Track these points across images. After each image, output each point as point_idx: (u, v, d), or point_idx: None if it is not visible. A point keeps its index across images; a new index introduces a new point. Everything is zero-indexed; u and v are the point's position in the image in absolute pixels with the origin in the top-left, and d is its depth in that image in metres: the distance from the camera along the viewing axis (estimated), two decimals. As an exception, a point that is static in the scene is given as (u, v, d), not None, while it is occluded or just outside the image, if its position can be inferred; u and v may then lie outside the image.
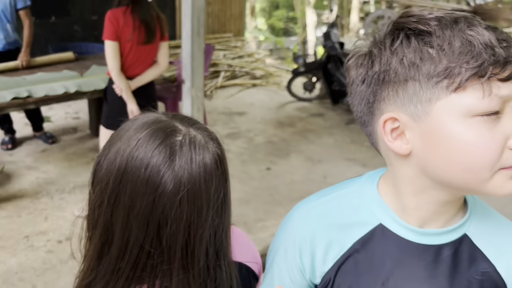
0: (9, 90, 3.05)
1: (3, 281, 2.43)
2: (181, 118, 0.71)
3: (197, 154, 0.65)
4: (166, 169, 0.63)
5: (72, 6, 5.44)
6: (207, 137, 0.69)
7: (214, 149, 0.69)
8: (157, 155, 0.63)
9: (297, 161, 4.06)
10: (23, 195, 3.25)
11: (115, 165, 0.65)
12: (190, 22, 1.93)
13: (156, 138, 0.64)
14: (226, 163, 0.72)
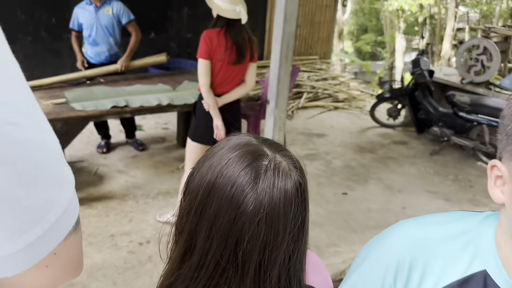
0: (110, 99, 3.33)
1: (88, 275, 2.63)
2: (270, 143, 0.75)
3: (280, 180, 0.69)
4: (249, 190, 0.67)
5: (170, 24, 5.82)
6: (291, 165, 0.72)
7: (296, 177, 0.71)
8: (243, 176, 0.68)
9: (375, 189, 3.98)
10: (112, 196, 3.50)
11: (206, 179, 0.70)
12: (280, 46, 2.00)
13: (245, 160, 0.69)
14: (307, 192, 0.74)
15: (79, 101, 3.26)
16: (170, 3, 5.71)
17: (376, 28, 16.77)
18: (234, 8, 2.63)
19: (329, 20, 7.27)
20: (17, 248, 0.37)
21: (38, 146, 0.37)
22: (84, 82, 3.76)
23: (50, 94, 3.42)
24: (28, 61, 5.04)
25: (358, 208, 3.63)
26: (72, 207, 0.41)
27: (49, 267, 0.42)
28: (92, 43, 3.84)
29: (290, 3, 1.96)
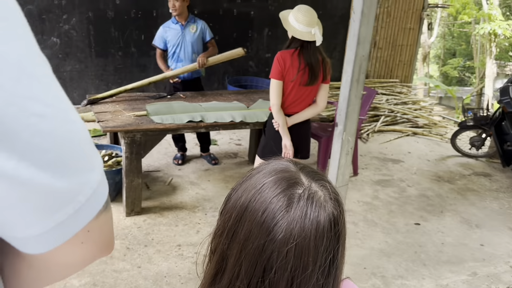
0: (187, 114, 3.49)
1: (153, 281, 2.74)
2: (308, 171, 0.73)
3: (313, 211, 0.67)
4: (280, 217, 0.66)
5: (250, 44, 5.99)
6: (327, 196, 0.70)
7: (331, 209, 0.69)
8: (275, 202, 0.67)
9: (451, 222, 3.75)
10: (183, 207, 3.63)
11: (240, 202, 0.70)
12: (351, 68, 1.99)
13: (279, 186, 0.68)
14: (342, 225, 0.71)
15: (159, 114, 3.44)
16: (252, 23, 5.89)
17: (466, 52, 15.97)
18: (310, 30, 2.66)
19: (412, 43, 7.05)
20: (48, 226, 0.41)
21: (64, 136, 0.41)
22: (165, 97, 3.97)
23: (133, 106, 3.65)
24: (117, 73, 5.43)
25: (430, 240, 3.43)
26: (101, 189, 0.45)
27: (84, 243, 0.46)
28: (176, 59, 4.04)
29: (364, 26, 1.94)
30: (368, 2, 1.92)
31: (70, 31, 5.07)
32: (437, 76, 16.09)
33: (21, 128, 0.37)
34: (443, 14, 14.44)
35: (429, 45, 12.79)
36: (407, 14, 6.82)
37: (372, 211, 3.81)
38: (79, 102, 5.34)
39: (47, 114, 0.40)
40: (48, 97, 0.41)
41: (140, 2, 5.26)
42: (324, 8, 6.22)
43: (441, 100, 12.62)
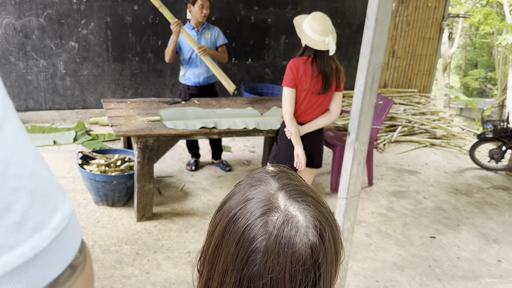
0: (200, 120, 3.48)
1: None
2: (290, 190, 0.66)
3: (287, 240, 0.61)
4: (253, 250, 0.62)
5: (267, 52, 5.98)
6: (308, 220, 0.63)
7: (310, 235, 0.63)
8: (247, 233, 0.62)
9: (467, 236, 3.64)
10: (194, 213, 3.61)
11: (217, 231, 0.66)
12: (364, 77, 1.95)
13: (253, 213, 0.63)
14: (329, 250, 0.64)
15: (172, 120, 3.44)
16: (269, 31, 5.88)
17: (487, 63, 15.71)
18: (323, 39, 2.62)
19: (431, 53, 6.95)
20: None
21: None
22: (179, 102, 3.97)
23: (147, 111, 3.66)
24: (134, 78, 5.47)
25: (446, 254, 3.34)
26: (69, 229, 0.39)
27: None
28: (192, 65, 4.04)
29: (378, 34, 1.90)
30: (382, 9, 1.88)
31: (88, 35, 5.13)
32: (458, 87, 15.84)
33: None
34: (465, 24, 14.24)
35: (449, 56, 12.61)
36: (427, 23, 6.73)
37: (386, 223, 3.73)
38: (95, 106, 5.41)
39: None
40: None
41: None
42: (342, 16, 6.19)
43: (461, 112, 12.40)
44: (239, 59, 5.86)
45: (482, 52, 16.14)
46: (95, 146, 4.61)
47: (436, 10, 6.71)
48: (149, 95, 5.57)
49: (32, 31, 4.91)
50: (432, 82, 7.19)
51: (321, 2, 6.01)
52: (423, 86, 7.09)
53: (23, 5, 4.79)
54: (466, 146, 5.73)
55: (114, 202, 3.55)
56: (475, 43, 16.14)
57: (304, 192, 0.67)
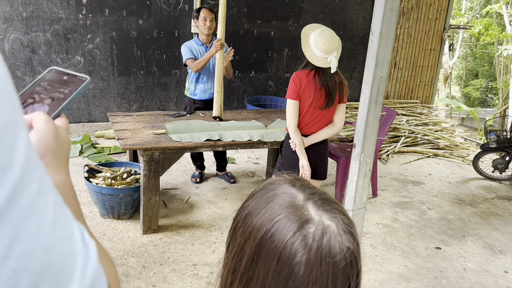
0: (205, 132, 3.51)
1: (168, 299, 2.72)
2: (317, 200, 0.68)
3: (328, 250, 0.63)
4: (296, 264, 0.63)
5: (270, 64, 6.03)
6: (341, 229, 0.66)
7: (346, 244, 0.65)
8: (289, 248, 0.63)
9: (473, 246, 3.64)
10: (200, 225, 3.62)
11: (249, 245, 0.66)
12: (369, 90, 1.98)
13: (290, 228, 0.64)
14: (359, 259, 0.67)
15: (177, 133, 3.47)
16: (272, 44, 5.94)
17: (488, 73, 15.77)
18: (326, 57, 2.64)
19: (433, 64, 7.00)
20: None
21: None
22: (184, 115, 4.01)
23: (153, 124, 3.69)
24: (139, 92, 5.52)
25: (451, 265, 3.34)
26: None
27: None
28: (199, 80, 4.06)
29: (383, 47, 1.93)
30: (386, 23, 1.91)
31: (94, 50, 5.19)
32: (459, 97, 15.89)
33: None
34: (465, 35, 14.33)
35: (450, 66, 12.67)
36: (428, 35, 6.79)
37: (391, 234, 3.73)
38: (101, 119, 5.46)
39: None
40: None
41: (162, 23, 5.37)
42: (344, 29, 6.25)
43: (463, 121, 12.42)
44: (242, 71, 5.91)
45: (483, 62, 16.21)
46: (101, 159, 4.64)
47: (437, 21, 6.77)
48: (154, 108, 5.61)
49: (39, 46, 4.98)
50: (434, 93, 7.23)
51: (323, 15, 6.08)
52: (425, 97, 7.13)
53: (30, 20, 4.87)
54: (469, 156, 5.74)
55: (120, 215, 3.57)
56: (475, 54, 16.22)
57: (329, 199, 0.69)
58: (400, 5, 4.62)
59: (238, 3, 5.62)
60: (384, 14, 1.88)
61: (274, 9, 5.81)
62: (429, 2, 6.61)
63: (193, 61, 3.92)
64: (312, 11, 6.01)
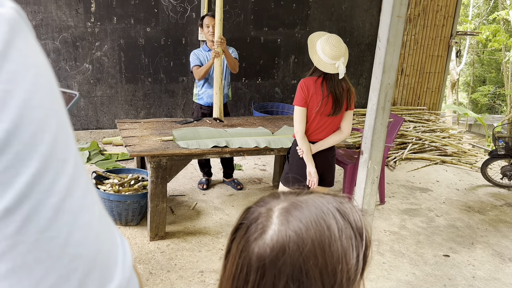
0: (212, 139, 3.52)
1: (176, 306, 2.72)
2: (283, 208, 0.68)
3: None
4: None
5: (277, 71, 6.05)
6: (280, 226, 0.67)
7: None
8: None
9: (482, 254, 3.61)
10: (207, 232, 3.62)
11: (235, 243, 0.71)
12: (377, 97, 1.98)
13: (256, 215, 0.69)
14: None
15: (184, 140, 3.48)
16: (279, 51, 5.96)
17: (496, 79, 15.69)
18: (334, 63, 2.64)
19: (440, 71, 6.98)
20: None
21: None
22: (191, 122, 4.02)
23: (160, 131, 3.71)
24: (146, 99, 5.55)
25: (460, 273, 3.31)
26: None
27: None
28: (206, 86, 4.09)
29: (390, 54, 1.93)
30: (394, 30, 1.92)
31: (102, 57, 5.24)
32: (467, 103, 15.81)
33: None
34: (472, 41, 14.28)
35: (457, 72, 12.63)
36: (435, 41, 6.78)
37: (399, 241, 3.71)
38: (108, 126, 5.49)
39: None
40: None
41: (169, 31, 5.41)
42: (351, 35, 6.26)
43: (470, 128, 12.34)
44: (249, 78, 5.93)
45: (490, 69, 16.13)
46: (108, 166, 4.66)
47: (444, 28, 6.76)
48: (162, 115, 5.64)
49: (48, 54, 5.03)
50: (442, 99, 7.20)
51: (329, 22, 6.09)
52: (432, 103, 7.11)
53: (39, 28, 4.92)
54: (477, 163, 5.70)
55: (128, 222, 3.58)
56: (482, 60, 16.15)
57: (296, 211, 0.69)
58: (407, 11, 4.64)
59: (245, 10, 5.65)
60: (391, 21, 1.89)
61: (281, 16, 5.84)
62: (436, 9, 6.61)
63: (198, 68, 3.97)
64: (318, 18, 6.03)
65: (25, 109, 0.33)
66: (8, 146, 0.32)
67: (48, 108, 0.35)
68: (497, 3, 13.88)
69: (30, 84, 0.34)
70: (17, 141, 0.32)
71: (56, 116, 0.36)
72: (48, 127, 0.35)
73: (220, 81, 3.89)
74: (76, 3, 4.99)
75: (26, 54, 0.35)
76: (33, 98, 0.34)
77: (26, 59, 0.34)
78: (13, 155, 0.32)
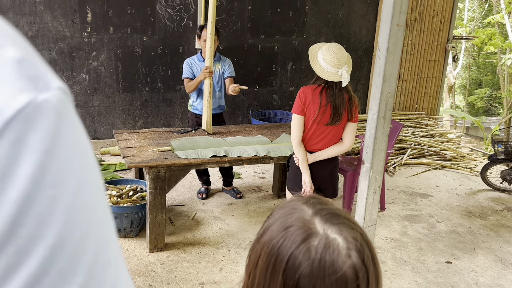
0: (211, 149, 3.49)
1: (177, 320, 2.68)
2: (325, 214, 0.68)
3: (331, 263, 0.62)
4: (300, 275, 0.63)
5: (274, 78, 6.04)
6: (348, 242, 0.65)
7: (353, 258, 0.64)
8: (292, 261, 0.63)
9: (485, 260, 3.59)
10: (206, 243, 3.59)
11: (260, 264, 0.67)
12: (377, 106, 1.96)
13: (294, 241, 0.65)
14: (369, 274, 0.65)
15: (183, 149, 3.46)
16: (276, 58, 5.95)
17: (492, 82, 15.73)
18: (336, 71, 2.61)
19: (437, 75, 6.99)
20: None
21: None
22: (189, 131, 4.00)
23: (159, 141, 3.68)
24: (144, 108, 5.53)
25: (463, 280, 3.29)
26: None
27: None
28: (201, 95, 4.07)
29: (390, 63, 1.92)
30: (393, 39, 1.90)
31: (99, 67, 5.22)
32: (463, 106, 15.84)
33: None
34: (468, 44, 14.33)
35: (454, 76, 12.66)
36: (432, 46, 6.79)
37: (400, 248, 3.69)
38: (106, 136, 5.46)
39: None
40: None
41: (166, 39, 5.40)
42: (348, 42, 6.26)
43: (468, 130, 12.35)
44: (247, 86, 5.90)
45: (486, 71, 16.19)
46: (106, 177, 4.62)
47: (441, 33, 6.77)
48: (159, 124, 5.61)
49: (44, 64, 5.00)
50: (440, 104, 7.20)
51: (326, 28, 6.10)
52: (430, 108, 7.11)
53: (35, 39, 4.90)
54: (476, 168, 5.69)
55: (126, 233, 3.54)
56: (478, 63, 16.21)
57: (338, 214, 0.69)
58: (404, 18, 4.60)
59: (242, 18, 5.65)
60: (391, 29, 1.87)
61: (278, 23, 5.83)
62: (432, 14, 6.62)
63: (189, 81, 3.98)
64: (315, 25, 6.03)
65: (71, 216, 0.30)
66: (51, 265, 0.29)
67: (92, 206, 0.33)
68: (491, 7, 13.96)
69: (76, 184, 0.31)
70: (61, 258, 0.29)
71: (100, 211, 0.34)
72: (92, 231, 0.32)
73: (208, 94, 3.88)
74: (72, 13, 4.97)
75: (73, 147, 0.32)
76: (79, 200, 0.31)
77: (73, 153, 0.32)
78: (56, 274, 0.29)
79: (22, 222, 0.28)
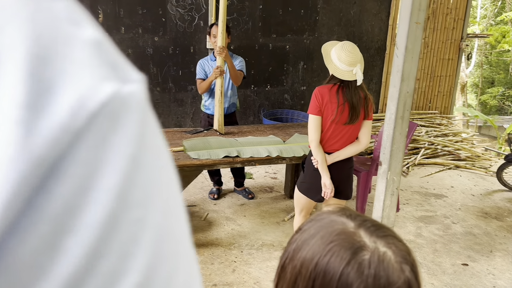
0: (223, 149, 3.47)
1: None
2: (369, 227, 0.65)
3: (386, 277, 0.59)
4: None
5: (286, 78, 6.00)
6: (398, 255, 0.62)
7: (405, 271, 0.61)
8: (345, 276, 0.60)
9: (502, 262, 3.52)
10: (218, 244, 3.57)
11: (302, 277, 0.63)
12: (395, 106, 1.91)
13: (343, 256, 0.61)
14: (420, 284, 0.63)
15: (195, 150, 3.43)
16: (287, 58, 5.91)
17: (505, 80, 15.53)
18: (351, 70, 2.57)
19: (451, 74, 6.89)
20: None
21: None
22: (201, 131, 3.98)
23: (171, 141, 3.66)
24: (155, 108, 5.52)
25: (480, 283, 3.22)
26: None
27: None
28: (213, 95, 4.05)
29: (409, 62, 1.87)
30: (412, 37, 1.86)
31: (110, 68, 5.22)
32: (476, 105, 15.66)
33: None
34: (480, 42, 14.16)
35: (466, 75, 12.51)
36: (445, 44, 6.70)
37: (415, 250, 3.63)
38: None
39: None
40: None
41: (177, 40, 5.38)
42: (360, 40, 6.20)
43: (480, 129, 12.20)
44: (258, 85, 5.88)
45: (498, 70, 15.98)
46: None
47: (454, 31, 6.68)
48: (171, 124, 5.60)
49: (56, 65, 5.01)
50: (453, 103, 7.11)
51: (338, 27, 6.04)
52: (443, 107, 7.02)
53: (47, 40, 4.91)
54: (492, 168, 5.60)
55: (139, 234, 3.52)
56: (491, 61, 16.01)
57: (382, 226, 0.65)
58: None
59: (253, 17, 5.62)
60: (410, 27, 1.83)
61: (289, 22, 5.79)
62: (445, 12, 6.53)
63: (201, 82, 3.96)
64: (327, 24, 5.98)
65: (159, 245, 0.23)
66: None
67: (180, 230, 0.26)
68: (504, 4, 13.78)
69: (164, 202, 0.25)
70: None
71: (186, 237, 0.27)
72: (181, 263, 0.25)
73: (220, 94, 3.85)
74: (83, 13, 4.97)
75: (158, 154, 0.26)
76: (167, 224, 0.24)
77: (159, 162, 0.25)
78: None
79: (104, 254, 0.21)
